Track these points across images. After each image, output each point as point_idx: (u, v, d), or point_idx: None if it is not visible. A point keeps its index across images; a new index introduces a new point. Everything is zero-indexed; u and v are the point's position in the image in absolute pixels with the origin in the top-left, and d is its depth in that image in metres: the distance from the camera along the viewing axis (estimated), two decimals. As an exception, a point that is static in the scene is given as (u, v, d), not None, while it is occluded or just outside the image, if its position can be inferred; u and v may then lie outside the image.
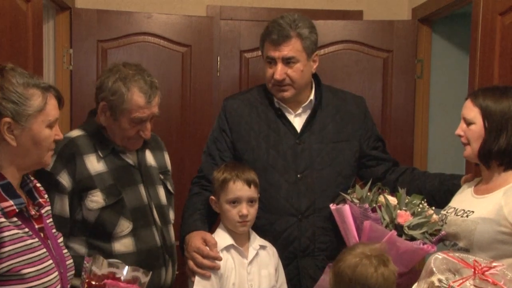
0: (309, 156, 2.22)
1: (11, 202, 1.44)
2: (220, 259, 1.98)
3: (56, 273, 1.52)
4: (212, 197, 2.10)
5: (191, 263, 1.99)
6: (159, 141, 2.24)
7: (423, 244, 1.83)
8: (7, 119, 1.43)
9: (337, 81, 2.97)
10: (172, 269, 2.09)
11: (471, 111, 1.87)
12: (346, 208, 1.99)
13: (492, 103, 1.83)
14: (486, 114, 1.83)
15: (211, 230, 2.13)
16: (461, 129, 1.91)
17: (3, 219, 1.41)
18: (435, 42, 3.41)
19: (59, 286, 1.53)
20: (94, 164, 1.96)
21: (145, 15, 3.25)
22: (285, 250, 2.18)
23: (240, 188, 2.03)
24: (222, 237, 2.05)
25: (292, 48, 2.17)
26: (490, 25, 2.38)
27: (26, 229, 1.47)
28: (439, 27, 3.40)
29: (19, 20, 2.22)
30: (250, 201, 2.05)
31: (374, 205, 1.92)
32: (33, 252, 1.46)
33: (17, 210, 1.45)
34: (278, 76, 2.17)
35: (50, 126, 1.52)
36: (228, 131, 2.28)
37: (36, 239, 1.49)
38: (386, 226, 1.85)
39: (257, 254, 2.07)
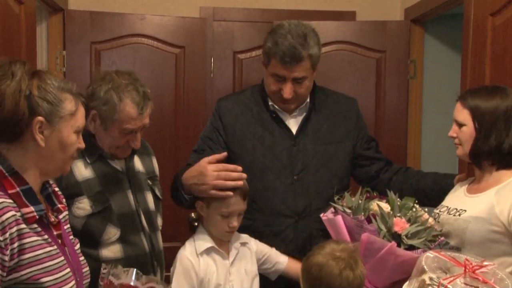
0: (305, 157, 2.22)
1: (32, 208, 1.41)
2: (240, 169, 1.98)
3: (73, 282, 1.49)
4: (200, 201, 2.06)
5: (212, 191, 1.96)
6: (147, 146, 2.20)
7: (424, 251, 1.79)
8: (41, 118, 1.42)
9: (330, 81, 2.97)
10: (161, 275, 2.06)
11: (462, 113, 1.88)
12: (339, 218, 1.94)
13: (480, 103, 1.84)
14: (476, 115, 1.84)
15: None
16: (454, 131, 1.92)
17: (23, 226, 1.38)
18: (427, 43, 3.43)
19: None
20: (82, 170, 1.92)
21: (138, 16, 3.25)
22: (281, 251, 2.17)
23: (236, 203, 2.00)
24: (202, 240, 2.03)
25: (303, 68, 2.12)
26: (482, 25, 2.39)
27: (46, 236, 1.45)
28: (432, 27, 3.42)
29: (12, 22, 2.22)
30: (240, 213, 2.04)
31: (368, 213, 1.87)
32: (52, 260, 1.44)
33: (37, 217, 1.43)
34: (287, 95, 2.14)
35: (76, 132, 1.52)
36: (222, 131, 2.27)
37: (55, 247, 1.46)
38: (384, 236, 1.81)
39: (238, 252, 2.06)
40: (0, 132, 1.41)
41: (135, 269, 1.69)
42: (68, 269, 1.48)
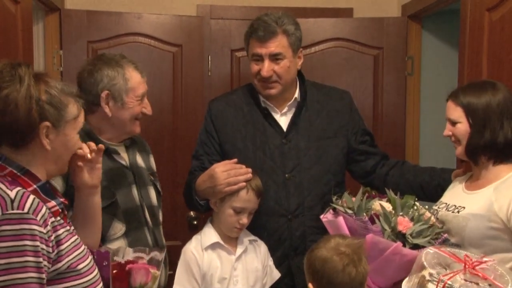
0: (296, 155, 2.22)
1: (54, 203, 1.46)
2: (244, 166, 2.08)
3: (96, 269, 1.55)
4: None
5: (227, 188, 2.05)
6: (145, 144, 2.24)
7: None
8: (47, 123, 1.44)
9: (327, 78, 2.97)
10: (165, 270, 2.07)
11: (455, 112, 1.88)
12: (340, 220, 1.90)
13: (473, 100, 1.84)
14: (469, 112, 1.84)
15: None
16: (448, 129, 1.92)
17: (53, 219, 1.42)
18: (425, 39, 3.42)
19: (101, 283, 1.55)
20: None
21: (135, 15, 3.24)
22: (277, 250, 2.19)
23: (250, 199, 2.06)
24: (208, 235, 2.08)
25: (278, 44, 2.17)
26: (478, 21, 2.39)
27: (68, 227, 1.49)
28: (429, 23, 3.42)
29: (8, 22, 2.21)
30: (251, 212, 2.08)
31: (371, 213, 1.85)
32: (79, 248, 1.49)
33: (60, 210, 1.47)
34: (265, 73, 2.17)
35: (78, 133, 1.55)
36: (215, 134, 2.28)
37: (76, 236, 1.52)
38: (388, 236, 1.80)
39: (245, 249, 2.09)
40: (9, 138, 1.43)
41: (126, 247, 1.75)
42: (91, 256, 1.55)
